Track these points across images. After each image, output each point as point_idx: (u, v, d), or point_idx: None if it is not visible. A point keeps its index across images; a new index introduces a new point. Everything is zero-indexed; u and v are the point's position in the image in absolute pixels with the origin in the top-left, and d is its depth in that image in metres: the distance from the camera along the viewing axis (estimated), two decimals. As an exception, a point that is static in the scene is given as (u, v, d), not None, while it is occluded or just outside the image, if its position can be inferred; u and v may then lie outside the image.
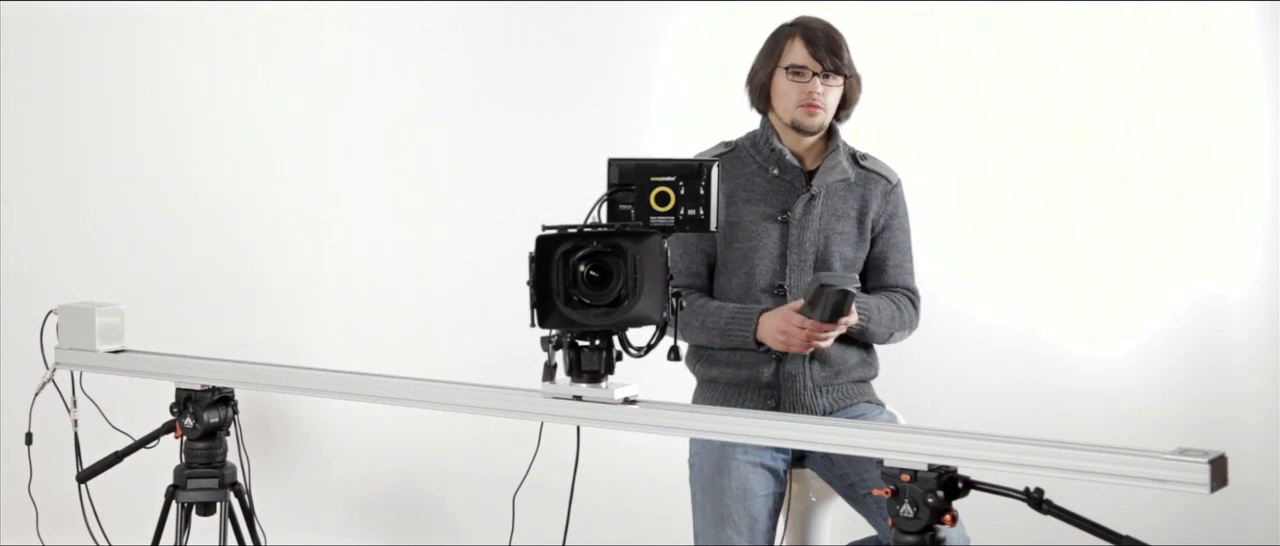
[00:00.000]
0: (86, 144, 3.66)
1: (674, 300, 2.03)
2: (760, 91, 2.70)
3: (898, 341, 2.75)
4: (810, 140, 2.69)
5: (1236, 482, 1.81)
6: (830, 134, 2.71)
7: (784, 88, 2.64)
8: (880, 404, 2.76)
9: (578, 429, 2.25)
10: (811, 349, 2.56)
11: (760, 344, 2.59)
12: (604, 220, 2.10)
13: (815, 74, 2.62)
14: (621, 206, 2.10)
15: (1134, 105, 3.80)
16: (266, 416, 3.56)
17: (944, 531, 1.84)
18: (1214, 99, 3.79)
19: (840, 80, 2.65)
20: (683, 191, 2.09)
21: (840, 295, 2.41)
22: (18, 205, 3.63)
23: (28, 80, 3.62)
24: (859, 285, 2.49)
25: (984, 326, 3.85)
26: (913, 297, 2.76)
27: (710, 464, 2.57)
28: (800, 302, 2.52)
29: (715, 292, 2.72)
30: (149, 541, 2.53)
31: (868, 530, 2.63)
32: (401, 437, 3.74)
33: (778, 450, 2.59)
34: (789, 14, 2.73)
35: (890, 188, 2.75)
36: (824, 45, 2.62)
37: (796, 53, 2.63)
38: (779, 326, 2.54)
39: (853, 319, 2.53)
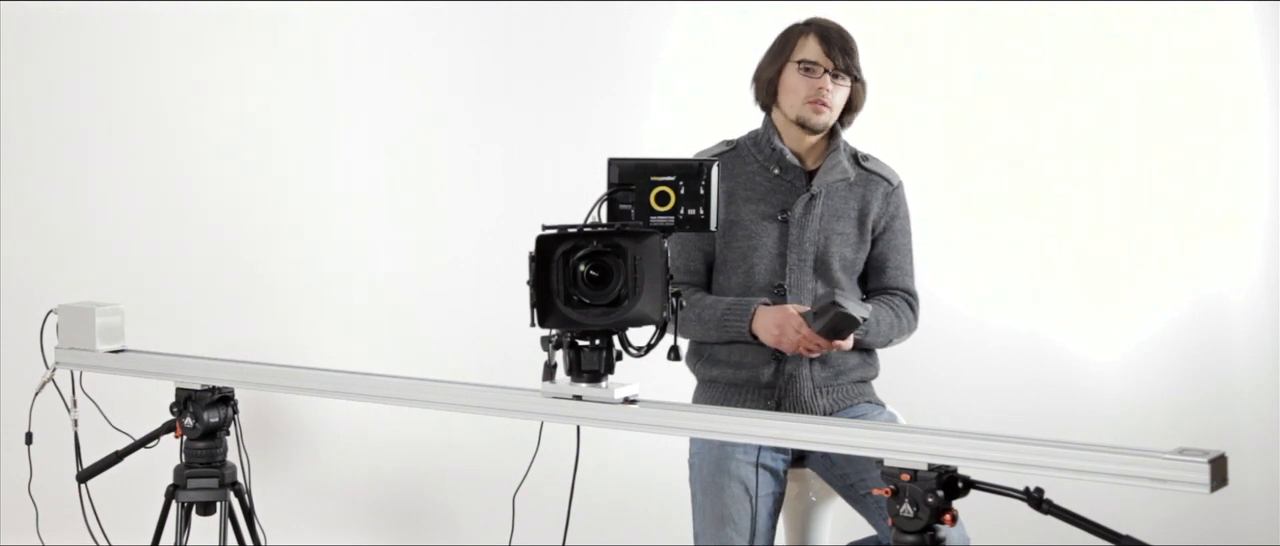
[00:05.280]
0: (86, 144, 3.66)
1: (674, 299, 2.03)
2: (768, 87, 2.70)
3: (896, 345, 2.76)
4: (812, 140, 2.69)
5: (1236, 482, 1.81)
6: (832, 134, 2.71)
7: (793, 83, 2.65)
8: (880, 404, 2.76)
9: (578, 429, 2.25)
10: (798, 352, 2.57)
11: (755, 337, 2.59)
12: (604, 220, 2.10)
13: (826, 71, 2.62)
14: (621, 206, 2.10)
15: (1134, 105, 3.80)
16: (266, 416, 3.56)
17: (944, 531, 1.84)
18: (1214, 99, 3.79)
19: (849, 81, 2.66)
20: (683, 191, 2.09)
21: (844, 319, 2.43)
22: (18, 205, 3.63)
23: (28, 80, 3.62)
24: (866, 318, 2.49)
25: (984, 326, 3.85)
26: (911, 301, 2.76)
27: (710, 464, 2.57)
28: (805, 308, 2.53)
29: (714, 291, 2.72)
30: (149, 541, 2.53)
31: (868, 530, 2.63)
32: (401, 437, 3.74)
33: (777, 450, 2.59)
34: (790, 14, 2.73)
35: (891, 189, 2.75)
36: (837, 45, 2.63)
37: (810, 49, 2.64)
38: (776, 320, 2.54)
39: (846, 345, 2.56)
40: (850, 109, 2.70)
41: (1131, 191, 3.81)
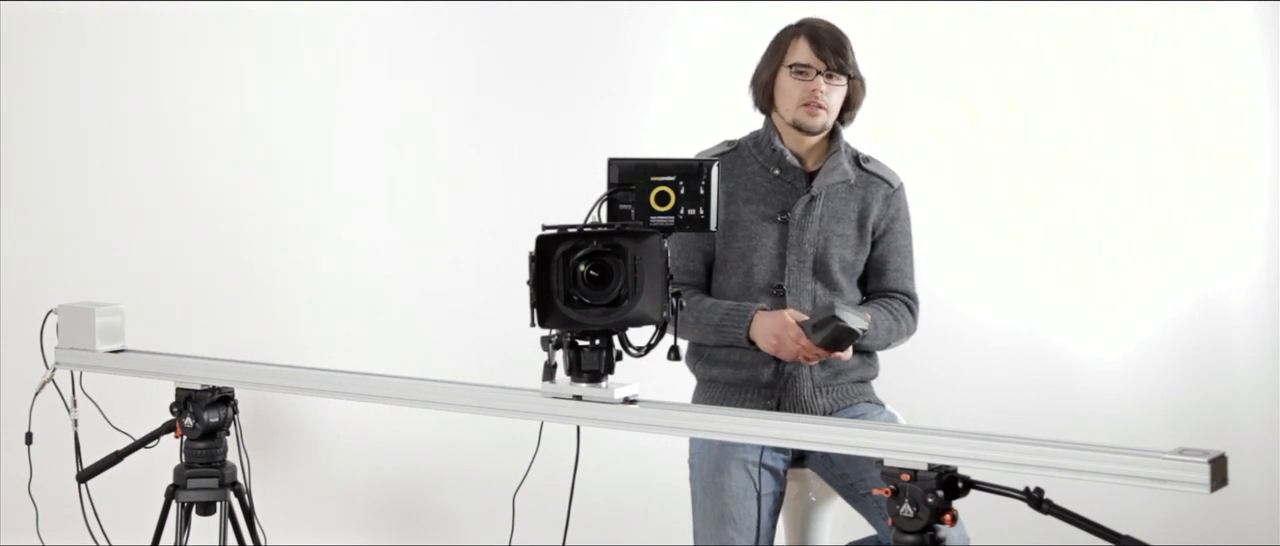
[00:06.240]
0: (86, 144, 3.66)
1: (674, 300, 2.03)
2: (764, 91, 2.70)
3: (895, 347, 2.76)
4: (812, 141, 2.68)
5: (1236, 482, 1.81)
6: (833, 135, 2.71)
7: (787, 86, 2.64)
8: (880, 404, 2.76)
9: (578, 429, 2.25)
10: (795, 361, 2.57)
11: (752, 342, 2.59)
12: (604, 220, 2.10)
13: (819, 73, 2.62)
14: (621, 206, 2.10)
15: (1134, 105, 3.80)
16: (266, 416, 3.56)
17: (944, 531, 1.84)
18: (1214, 99, 3.79)
19: (844, 81, 2.66)
20: (683, 191, 2.09)
21: (843, 333, 2.44)
22: (18, 205, 3.63)
23: (28, 80, 3.62)
24: (866, 329, 2.49)
25: (984, 326, 3.85)
26: (911, 304, 2.76)
27: (710, 464, 2.56)
28: (804, 316, 2.53)
29: (713, 291, 2.72)
30: (149, 541, 2.53)
31: (868, 530, 2.63)
32: (401, 437, 3.74)
33: (777, 450, 2.59)
34: (790, 14, 2.73)
35: (892, 191, 2.75)
36: (829, 45, 2.62)
37: (801, 52, 2.63)
38: (774, 330, 2.54)
39: (846, 355, 2.56)
40: (849, 106, 2.70)
41: (1131, 191, 3.81)
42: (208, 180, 3.71)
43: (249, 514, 2.55)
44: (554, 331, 2.04)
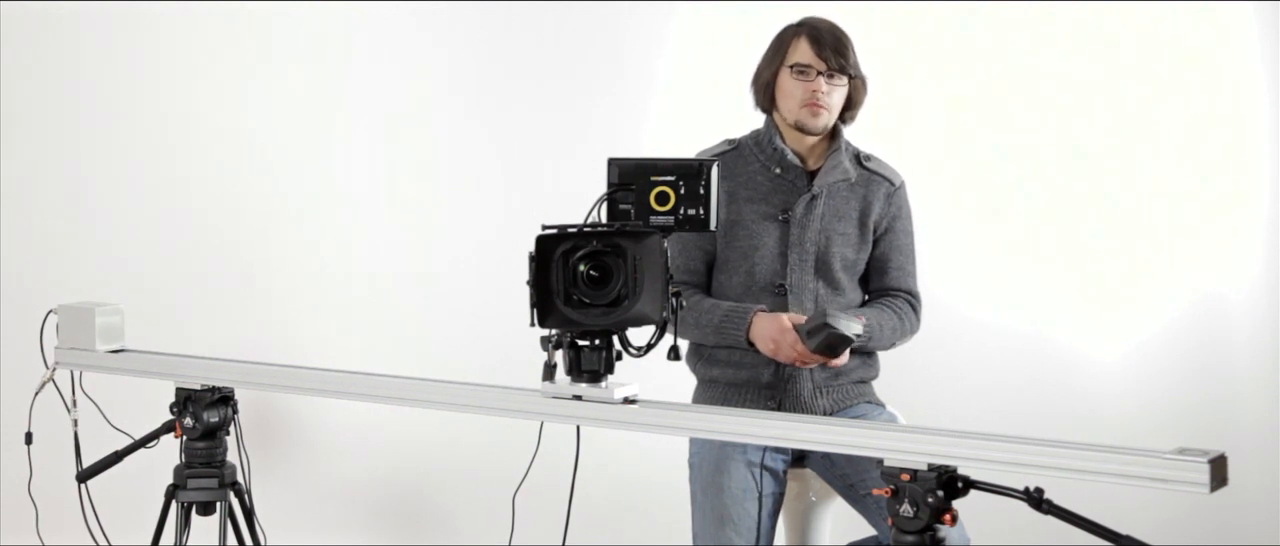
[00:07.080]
0: (86, 144, 3.67)
1: (674, 300, 2.03)
2: (765, 91, 2.70)
3: (899, 346, 2.75)
4: (813, 139, 2.68)
5: (1236, 482, 1.81)
6: (834, 134, 2.71)
7: (789, 87, 2.64)
8: (880, 404, 2.76)
9: (578, 429, 2.25)
10: (793, 364, 2.57)
11: (751, 344, 2.59)
12: (604, 220, 2.10)
13: (820, 73, 2.62)
14: (621, 206, 2.10)
15: (1134, 105, 3.80)
16: (266, 416, 3.56)
17: (944, 531, 1.84)
18: (1214, 99, 3.79)
19: (845, 80, 2.65)
20: (682, 191, 2.09)
21: (837, 339, 2.45)
22: (18, 205, 3.63)
23: (28, 80, 3.62)
24: (860, 334, 2.50)
25: (984, 326, 3.85)
26: (913, 302, 2.76)
27: (710, 464, 2.56)
28: (802, 320, 2.53)
29: (714, 290, 2.72)
30: (149, 541, 2.53)
31: (868, 530, 2.63)
32: (401, 437, 3.74)
33: (777, 450, 2.59)
34: (790, 14, 2.73)
35: (893, 190, 2.74)
36: (830, 45, 2.62)
37: (802, 52, 2.63)
38: (771, 334, 2.54)
39: (842, 360, 2.57)
40: (850, 106, 2.70)
41: (1132, 191, 3.81)
42: (207, 180, 3.71)
43: (249, 514, 2.55)
44: (554, 331, 2.04)
